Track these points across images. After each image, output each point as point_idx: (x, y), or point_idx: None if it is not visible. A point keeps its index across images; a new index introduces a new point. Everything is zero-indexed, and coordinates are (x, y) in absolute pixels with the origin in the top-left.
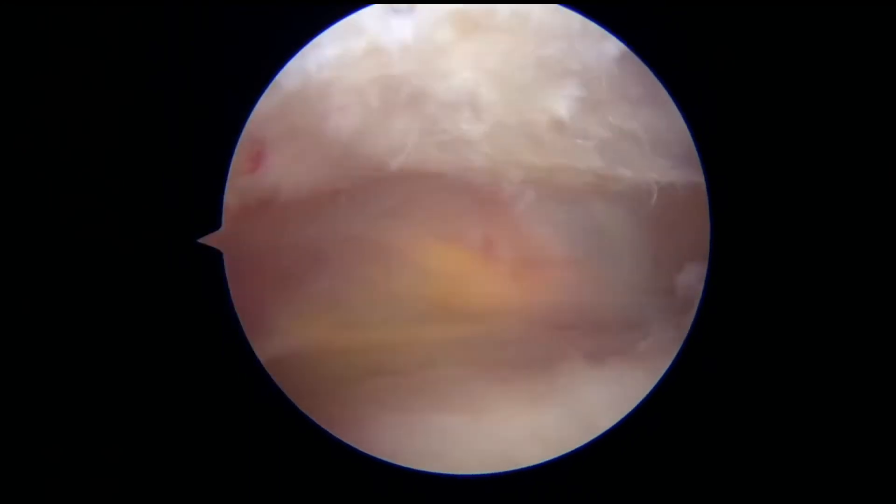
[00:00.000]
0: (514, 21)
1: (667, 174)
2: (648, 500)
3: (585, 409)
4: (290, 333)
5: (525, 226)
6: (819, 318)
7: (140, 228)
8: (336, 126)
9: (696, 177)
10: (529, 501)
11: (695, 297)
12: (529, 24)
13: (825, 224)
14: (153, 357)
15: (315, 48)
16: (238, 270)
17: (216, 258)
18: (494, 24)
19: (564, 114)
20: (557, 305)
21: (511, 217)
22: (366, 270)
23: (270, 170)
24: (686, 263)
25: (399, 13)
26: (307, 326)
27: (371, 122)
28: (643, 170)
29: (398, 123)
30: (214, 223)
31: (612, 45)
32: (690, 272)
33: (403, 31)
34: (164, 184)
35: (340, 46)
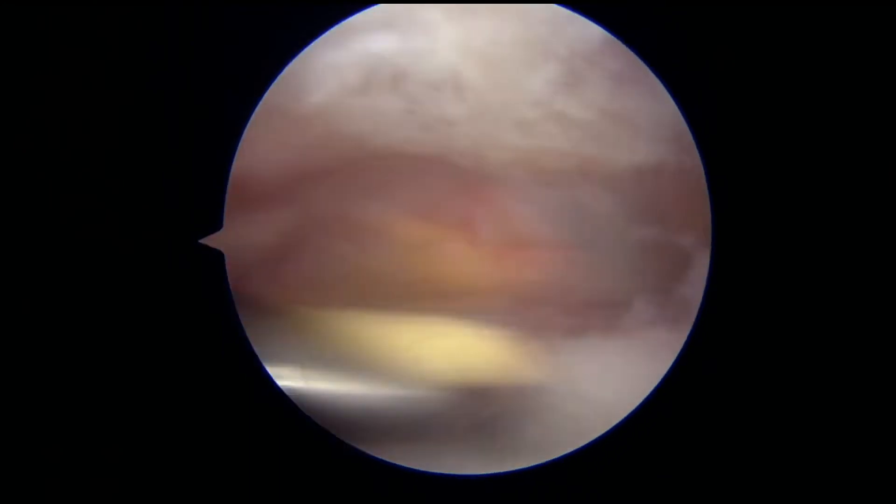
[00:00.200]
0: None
1: (651, 155)
2: (648, 501)
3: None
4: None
5: (508, 207)
6: (819, 318)
7: (140, 228)
8: (315, 104)
9: (682, 157)
10: (529, 501)
11: (682, 277)
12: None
13: (823, 219)
14: (153, 357)
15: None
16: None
17: (217, 258)
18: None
19: (548, 95)
20: (539, 285)
21: (494, 198)
22: (344, 249)
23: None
24: (673, 243)
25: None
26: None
27: (352, 101)
28: (627, 151)
29: (380, 102)
30: (215, 223)
31: (597, 29)
32: (677, 252)
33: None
34: (164, 184)
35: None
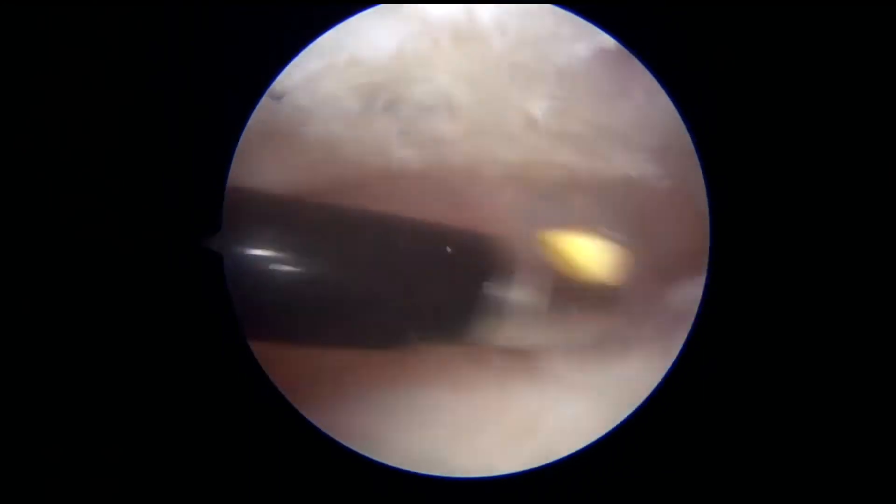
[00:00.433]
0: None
1: (641, 167)
2: (648, 501)
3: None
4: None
5: (503, 219)
6: (817, 321)
7: (140, 228)
8: (315, 130)
9: (671, 168)
10: (529, 501)
11: (671, 280)
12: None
13: (822, 221)
14: (153, 357)
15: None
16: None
17: (217, 259)
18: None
19: (538, 112)
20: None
21: (489, 211)
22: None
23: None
24: (664, 252)
25: None
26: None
27: (350, 126)
28: (617, 164)
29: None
30: (215, 223)
31: (584, 46)
32: (668, 259)
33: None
34: (164, 184)
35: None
